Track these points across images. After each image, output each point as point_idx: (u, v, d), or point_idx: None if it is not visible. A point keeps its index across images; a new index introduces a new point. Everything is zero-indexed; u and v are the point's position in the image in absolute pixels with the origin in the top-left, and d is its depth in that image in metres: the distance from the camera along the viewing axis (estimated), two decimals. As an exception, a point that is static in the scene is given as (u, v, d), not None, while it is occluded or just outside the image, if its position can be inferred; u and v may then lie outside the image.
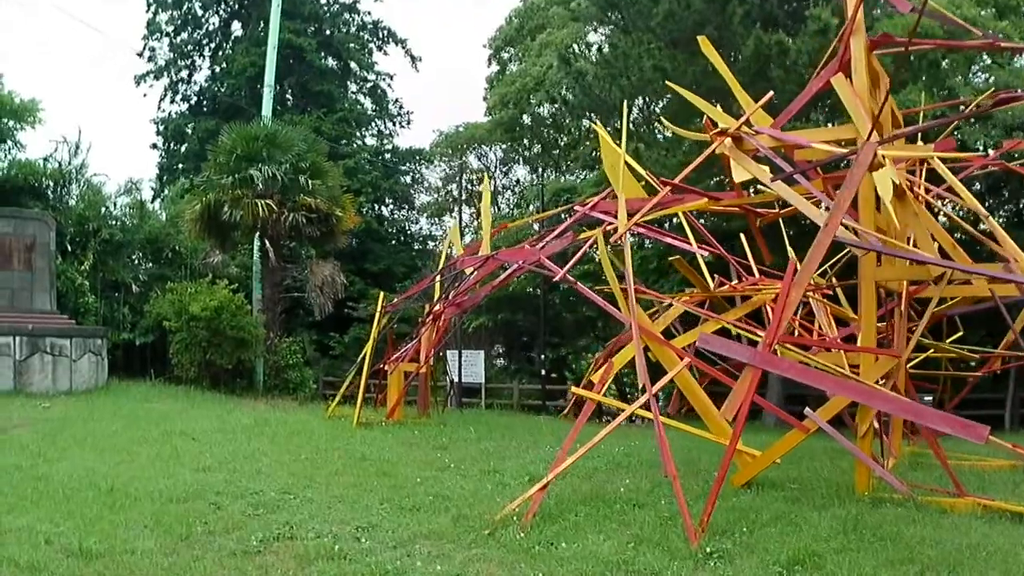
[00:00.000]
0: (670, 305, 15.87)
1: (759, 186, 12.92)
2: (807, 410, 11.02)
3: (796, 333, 15.93)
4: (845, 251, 15.19)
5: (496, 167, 52.28)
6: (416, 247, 48.33)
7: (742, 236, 17.72)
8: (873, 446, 11.89)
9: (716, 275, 16.74)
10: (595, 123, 17.04)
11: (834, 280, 16.94)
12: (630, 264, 12.35)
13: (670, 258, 13.54)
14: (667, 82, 19.00)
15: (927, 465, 14.10)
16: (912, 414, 9.53)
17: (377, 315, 20.84)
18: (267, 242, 28.91)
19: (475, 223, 48.22)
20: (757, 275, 16.78)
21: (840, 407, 11.80)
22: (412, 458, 14.34)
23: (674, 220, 19.31)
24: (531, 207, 42.42)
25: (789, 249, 16.82)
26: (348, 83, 49.80)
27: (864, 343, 11.67)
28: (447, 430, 18.44)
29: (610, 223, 14.10)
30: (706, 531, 8.80)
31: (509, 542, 8.74)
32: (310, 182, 28.91)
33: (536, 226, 33.58)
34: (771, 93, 13.64)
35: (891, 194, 10.37)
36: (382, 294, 21.65)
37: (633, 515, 10.00)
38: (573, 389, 12.55)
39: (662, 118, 17.54)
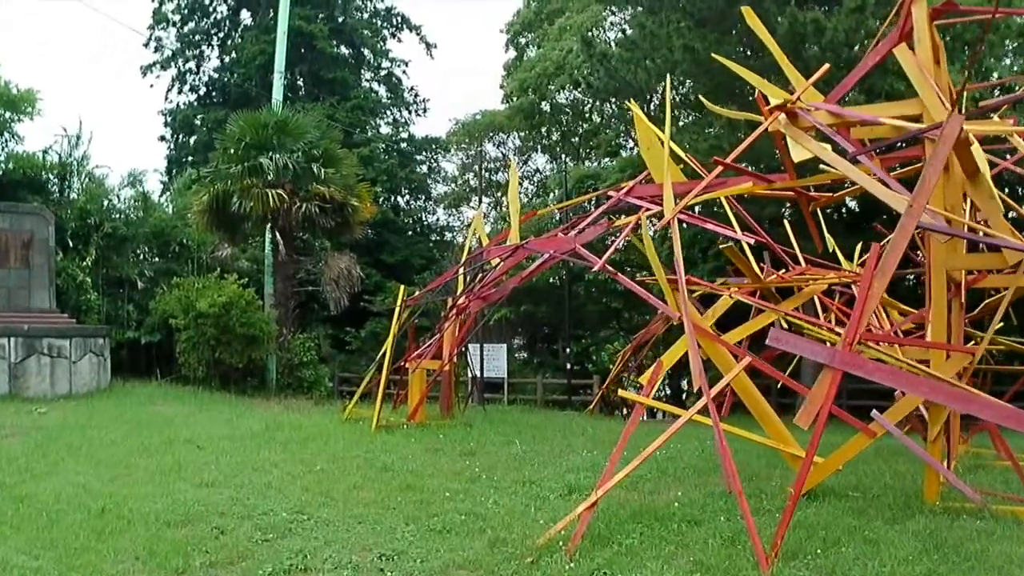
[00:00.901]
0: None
1: (821, 166, 11.66)
2: (874, 412, 9.85)
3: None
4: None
5: (515, 156, 51.04)
6: (434, 238, 47.06)
7: (787, 223, 16.75)
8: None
9: (761, 265, 15.54)
10: (630, 103, 15.67)
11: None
12: (680, 252, 11.14)
13: (721, 245, 12.29)
14: (711, 56, 17.69)
15: (985, 467, 13.39)
16: (1017, 422, 8.25)
17: (397, 309, 19.64)
18: (278, 234, 27.76)
19: (493, 213, 47.14)
20: (803, 264, 15.63)
21: (911, 408, 10.68)
22: (438, 467, 13.15)
23: (702, 207, 18.03)
24: (552, 196, 41.11)
25: (828, 236, 15.85)
26: (361, 71, 48.45)
27: (934, 338, 10.51)
28: (473, 433, 17.24)
29: (647, 208, 13.16)
30: (778, 555, 7.79)
31: (557, 572, 7.67)
32: (323, 170, 27.60)
33: (557, 215, 32.46)
34: (827, 66, 12.50)
35: (988, 171, 9.11)
36: (402, 287, 20.44)
37: (692, 535, 8.91)
38: (624, 393, 11.25)
39: (702, 97, 16.21)
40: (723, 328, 13.42)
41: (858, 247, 17.52)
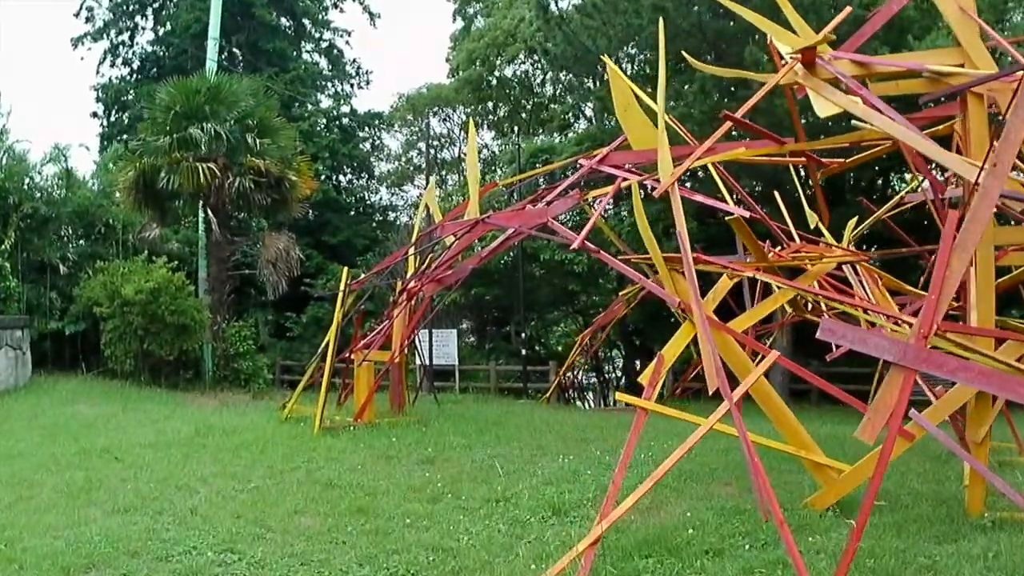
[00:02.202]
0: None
1: (853, 122, 9.93)
2: (912, 412, 8.16)
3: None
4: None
5: (460, 132, 49.18)
6: (377, 218, 45.06)
7: (777, 197, 15.39)
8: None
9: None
10: (605, 58, 13.84)
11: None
12: (683, 225, 9.40)
13: (727, 217, 10.44)
14: (685, 16, 15.91)
15: (1011, 464, 12.25)
16: None
17: (340, 294, 17.57)
18: (210, 212, 25.46)
19: (439, 192, 45.14)
20: (798, 240, 13.92)
21: (958, 405, 9.15)
22: (393, 480, 11.22)
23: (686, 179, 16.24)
24: (499, 173, 39.22)
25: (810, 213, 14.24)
26: (302, 42, 46.22)
27: (981, 323, 8.96)
28: (429, 433, 15.31)
29: (624, 178, 12.09)
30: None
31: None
32: (259, 141, 25.46)
33: (508, 193, 30.55)
34: (848, 9, 10.86)
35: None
36: (345, 270, 18.31)
37: (717, 572, 7.36)
38: (624, 397, 9.43)
39: (686, 55, 14.35)
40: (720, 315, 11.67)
41: (851, 223, 15.88)
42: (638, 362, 36.50)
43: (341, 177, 43.43)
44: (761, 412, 9.99)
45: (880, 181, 30.07)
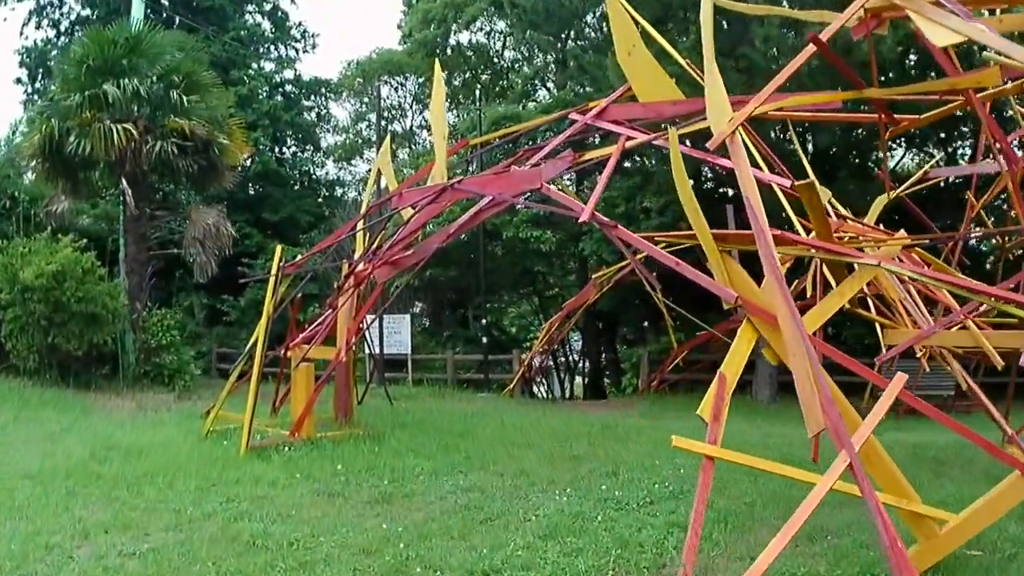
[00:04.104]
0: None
1: (985, 54, 7.28)
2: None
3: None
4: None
5: (413, 103, 46.40)
6: (323, 193, 42.00)
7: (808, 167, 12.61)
8: None
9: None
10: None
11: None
12: (754, 188, 6.66)
13: (795, 183, 7.58)
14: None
15: None
16: None
17: (272, 278, 14.42)
18: (125, 181, 22.10)
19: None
20: (835, 218, 11.50)
21: None
22: (339, 536, 8.21)
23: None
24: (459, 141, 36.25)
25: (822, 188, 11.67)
26: (244, 2, 42.52)
27: None
28: (383, 454, 12.40)
29: (630, 137, 10.10)
30: None
31: None
32: (184, 99, 22.13)
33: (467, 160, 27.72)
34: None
35: None
36: (279, 248, 15.02)
37: None
38: (683, 443, 6.57)
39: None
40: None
41: (880, 200, 13.40)
42: (603, 355, 34.24)
43: (284, 149, 40.42)
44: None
45: (873, 157, 27.86)
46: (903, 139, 28.07)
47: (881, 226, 12.68)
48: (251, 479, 10.59)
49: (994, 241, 19.98)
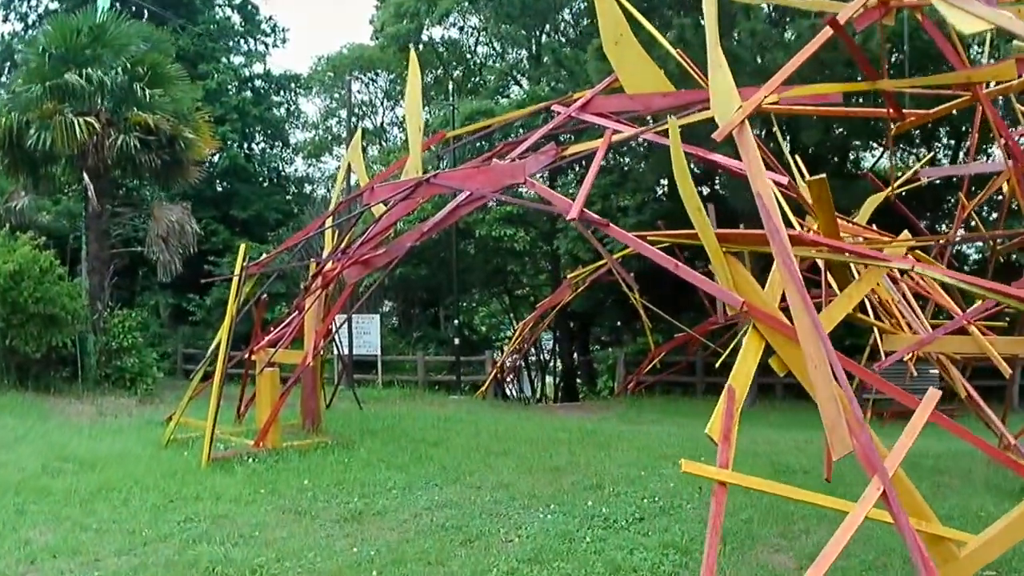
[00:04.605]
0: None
1: (1016, 43, 6.78)
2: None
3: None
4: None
5: (383, 100, 46.14)
6: (292, 190, 41.33)
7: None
8: None
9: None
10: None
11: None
12: (766, 184, 6.13)
13: (812, 177, 6.98)
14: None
15: None
16: None
17: (236, 278, 13.71)
18: (86, 176, 21.25)
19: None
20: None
21: None
22: (306, 561, 7.57)
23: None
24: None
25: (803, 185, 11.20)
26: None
27: None
28: (353, 465, 11.74)
29: (615, 130, 9.59)
30: None
31: None
32: (149, 92, 21.29)
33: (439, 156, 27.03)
34: None
35: None
36: (243, 246, 14.29)
37: None
38: (692, 467, 5.87)
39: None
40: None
41: (872, 199, 12.89)
42: (576, 355, 33.76)
43: (253, 145, 39.69)
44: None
45: (852, 157, 27.64)
46: (881, 140, 27.75)
47: (874, 226, 12.20)
48: (212, 495, 9.89)
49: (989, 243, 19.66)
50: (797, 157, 12.36)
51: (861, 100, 16.92)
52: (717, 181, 28.88)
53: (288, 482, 10.57)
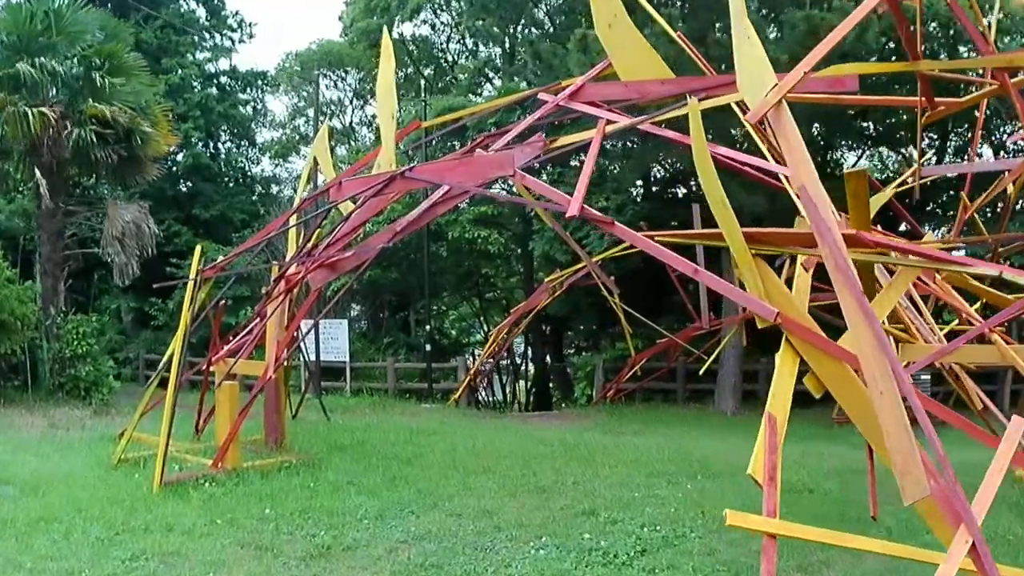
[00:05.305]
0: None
1: None
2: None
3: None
4: None
5: (352, 99, 45.47)
6: (258, 190, 40.13)
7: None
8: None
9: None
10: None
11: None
12: (813, 176, 5.18)
13: (846, 170, 6.09)
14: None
15: None
16: None
17: (191, 282, 12.61)
18: (38, 172, 20.05)
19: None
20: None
21: None
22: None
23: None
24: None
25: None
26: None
27: None
28: (320, 490, 10.69)
29: (609, 121, 8.76)
30: None
31: None
32: (107, 81, 20.15)
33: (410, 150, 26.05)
34: None
35: None
36: (198, 249, 13.16)
37: None
38: (739, 519, 4.93)
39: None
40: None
41: (875, 199, 12.10)
42: (549, 360, 32.95)
43: (219, 145, 38.50)
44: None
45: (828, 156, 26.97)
46: (856, 141, 27.05)
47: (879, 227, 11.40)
48: (163, 526, 8.84)
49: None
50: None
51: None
52: (694, 181, 28.12)
53: (248, 510, 9.53)
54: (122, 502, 9.81)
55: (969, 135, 22.91)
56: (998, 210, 19.78)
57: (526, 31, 30.27)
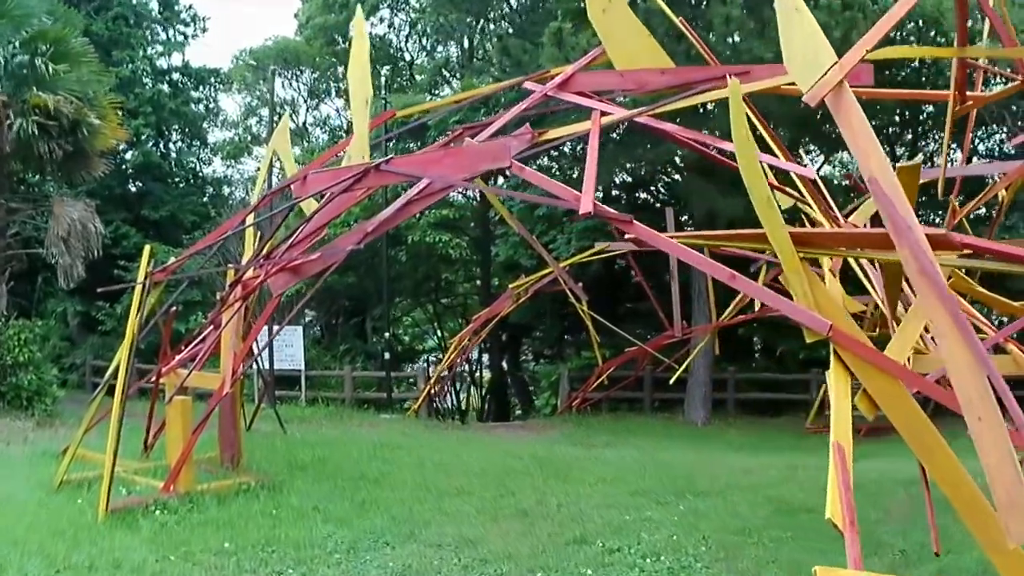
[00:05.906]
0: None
1: None
2: None
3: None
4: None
5: (307, 99, 44.32)
6: (209, 191, 39.03)
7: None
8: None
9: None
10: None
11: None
12: (885, 165, 4.30)
13: (898, 165, 5.29)
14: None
15: None
16: None
17: (139, 286, 11.54)
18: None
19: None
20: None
21: None
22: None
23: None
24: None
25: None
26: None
27: None
28: (282, 517, 9.68)
29: (603, 112, 8.07)
30: None
31: None
32: (52, 68, 18.93)
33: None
34: None
35: None
36: (147, 250, 12.07)
37: None
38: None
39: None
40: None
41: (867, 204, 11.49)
42: (507, 367, 32.69)
43: (169, 144, 37.48)
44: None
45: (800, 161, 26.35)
46: (822, 145, 26.51)
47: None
48: (110, 562, 7.80)
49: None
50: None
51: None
52: (661, 185, 27.50)
53: (205, 542, 8.50)
54: (64, 533, 8.73)
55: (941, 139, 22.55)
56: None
57: (492, 26, 29.71)
